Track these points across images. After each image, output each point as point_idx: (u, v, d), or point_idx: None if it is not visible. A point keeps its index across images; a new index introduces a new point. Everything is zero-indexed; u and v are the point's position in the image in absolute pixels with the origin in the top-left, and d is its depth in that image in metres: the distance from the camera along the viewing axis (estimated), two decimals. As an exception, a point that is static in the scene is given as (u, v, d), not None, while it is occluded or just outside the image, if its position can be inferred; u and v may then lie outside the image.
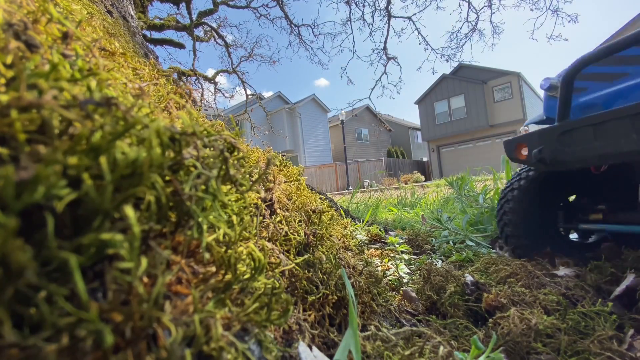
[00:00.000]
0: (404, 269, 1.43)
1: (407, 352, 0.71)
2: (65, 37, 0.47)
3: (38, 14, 0.51)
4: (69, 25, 0.48)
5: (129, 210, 0.30)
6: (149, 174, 0.33)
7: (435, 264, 1.50)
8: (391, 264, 1.49)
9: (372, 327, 0.84)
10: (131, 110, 0.35)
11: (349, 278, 0.87)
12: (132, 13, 3.70)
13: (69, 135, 0.33)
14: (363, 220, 2.70)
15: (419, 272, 1.35)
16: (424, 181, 21.04)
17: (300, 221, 0.94)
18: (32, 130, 0.32)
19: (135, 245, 0.30)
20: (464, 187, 2.60)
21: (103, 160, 0.30)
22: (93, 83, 0.37)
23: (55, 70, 0.37)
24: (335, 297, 0.80)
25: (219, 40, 9.49)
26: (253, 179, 0.56)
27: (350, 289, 0.69)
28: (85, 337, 0.28)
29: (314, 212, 0.98)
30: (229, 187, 0.53)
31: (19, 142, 0.30)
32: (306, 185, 1.85)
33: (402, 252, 1.83)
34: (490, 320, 0.96)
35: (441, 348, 0.74)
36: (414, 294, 1.13)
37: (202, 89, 9.71)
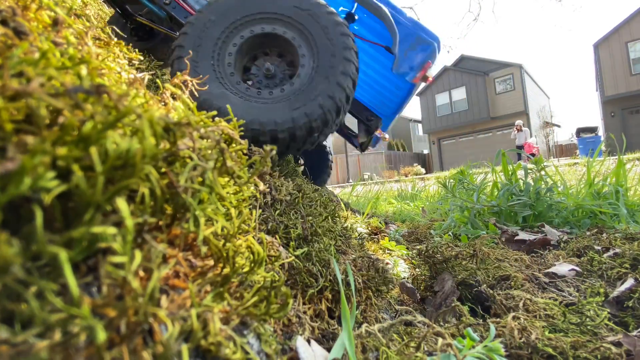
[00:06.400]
0: (402, 264, 1.43)
1: (402, 345, 0.70)
2: (56, 24, 0.45)
3: (28, 0, 0.49)
4: (59, 12, 0.46)
5: (122, 203, 0.29)
6: (142, 166, 0.32)
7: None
8: (389, 260, 1.49)
9: (373, 320, 0.84)
10: (123, 99, 0.33)
11: (349, 273, 0.86)
12: (129, 3, 3.65)
13: (58, 125, 0.32)
14: (363, 213, 2.69)
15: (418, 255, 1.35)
16: (425, 174, 21.01)
17: (299, 214, 0.93)
18: (20, 120, 0.31)
19: (128, 239, 0.29)
20: (460, 184, 2.54)
21: (94, 150, 0.29)
22: (84, 71, 0.36)
23: (45, 57, 0.35)
24: (335, 290, 0.79)
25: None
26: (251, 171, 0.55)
27: (341, 285, 0.68)
28: (77, 333, 0.27)
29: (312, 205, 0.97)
30: (226, 179, 0.52)
31: (5, 132, 0.29)
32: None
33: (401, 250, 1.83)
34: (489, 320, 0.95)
35: (440, 340, 0.74)
36: (410, 285, 1.13)
37: (202, 81, 9.63)
